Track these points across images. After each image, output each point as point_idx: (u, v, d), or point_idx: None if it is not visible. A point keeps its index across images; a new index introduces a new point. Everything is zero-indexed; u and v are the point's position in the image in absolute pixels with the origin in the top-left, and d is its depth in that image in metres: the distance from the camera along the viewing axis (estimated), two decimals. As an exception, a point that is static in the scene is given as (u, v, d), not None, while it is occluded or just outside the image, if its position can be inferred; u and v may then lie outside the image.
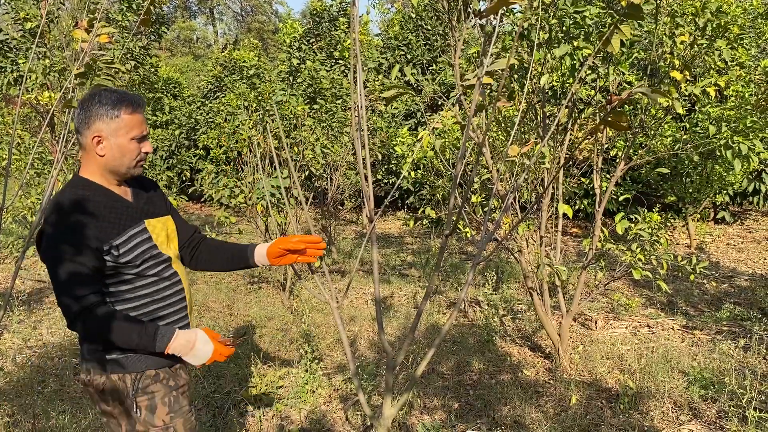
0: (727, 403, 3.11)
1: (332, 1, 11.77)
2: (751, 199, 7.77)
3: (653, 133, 4.04)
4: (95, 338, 1.59)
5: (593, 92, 3.69)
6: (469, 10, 2.87)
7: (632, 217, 3.52)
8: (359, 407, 3.22)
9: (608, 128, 3.25)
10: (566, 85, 3.57)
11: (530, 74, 2.75)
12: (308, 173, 6.38)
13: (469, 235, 3.94)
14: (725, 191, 6.99)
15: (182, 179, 11.02)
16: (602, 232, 3.48)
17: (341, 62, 10.89)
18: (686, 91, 3.30)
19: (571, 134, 3.65)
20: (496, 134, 4.54)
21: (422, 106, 9.67)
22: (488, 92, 3.36)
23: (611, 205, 7.61)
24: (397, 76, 7.47)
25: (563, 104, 1.73)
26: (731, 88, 5.77)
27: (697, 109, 6.69)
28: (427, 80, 9.75)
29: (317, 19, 11.81)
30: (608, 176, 6.85)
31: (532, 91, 3.48)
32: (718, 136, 4.82)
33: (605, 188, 4.40)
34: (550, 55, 3.32)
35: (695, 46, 3.29)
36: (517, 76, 3.59)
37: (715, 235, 7.50)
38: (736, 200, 8.15)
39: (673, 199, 7.21)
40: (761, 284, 5.34)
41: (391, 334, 4.40)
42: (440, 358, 3.89)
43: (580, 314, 4.68)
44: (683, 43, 3.21)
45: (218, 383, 3.52)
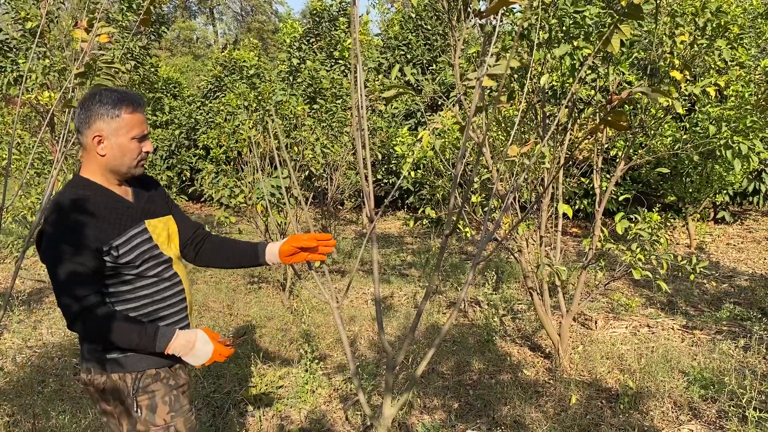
0: (727, 403, 3.11)
1: (332, 1, 11.77)
2: (751, 199, 7.77)
3: (653, 132, 4.05)
4: (95, 338, 1.59)
5: (593, 92, 3.69)
6: (469, 10, 2.87)
7: (632, 217, 3.52)
8: (359, 407, 3.22)
9: (608, 128, 3.26)
10: (566, 85, 3.58)
11: (530, 74, 2.75)
12: (308, 173, 6.38)
13: (469, 235, 3.94)
14: (725, 191, 6.99)
15: (182, 179, 11.02)
16: (602, 231, 3.48)
17: (341, 62, 10.88)
18: (686, 90, 3.30)
19: (571, 134, 3.65)
20: (496, 134, 4.54)
21: (422, 106, 9.67)
22: (488, 93, 3.37)
23: (611, 204, 7.61)
24: (397, 75, 7.47)
25: (563, 104, 1.73)
26: (731, 87, 5.77)
27: (697, 108, 6.69)
28: (427, 80, 9.75)
29: (317, 18, 11.81)
30: (608, 176, 6.85)
31: (532, 90, 3.48)
32: (718, 136, 4.82)
33: (605, 188, 4.40)
34: (550, 55, 3.32)
35: (695, 45, 3.29)
36: (517, 75, 3.59)
37: (715, 235, 7.50)
38: (736, 200, 8.15)
39: (673, 199, 7.21)
40: (761, 284, 5.34)
41: (391, 333, 4.40)
42: (440, 357, 3.89)
43: (580, 314, 4.68)
44: (683, 42, 3.21)
45: (218, 383, 3.52)
